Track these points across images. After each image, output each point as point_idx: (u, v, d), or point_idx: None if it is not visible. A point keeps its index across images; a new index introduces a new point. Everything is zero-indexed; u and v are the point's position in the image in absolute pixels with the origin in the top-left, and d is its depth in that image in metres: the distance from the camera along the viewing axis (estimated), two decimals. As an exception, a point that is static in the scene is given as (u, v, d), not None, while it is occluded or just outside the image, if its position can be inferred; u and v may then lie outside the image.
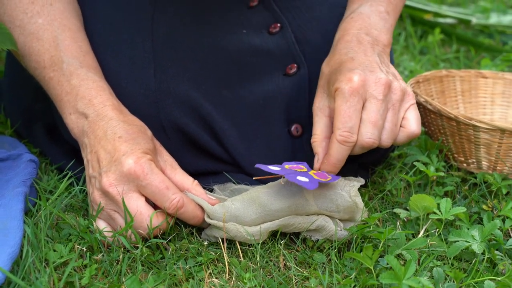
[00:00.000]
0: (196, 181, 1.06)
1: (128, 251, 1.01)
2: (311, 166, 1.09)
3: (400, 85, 1.08)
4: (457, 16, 2.16)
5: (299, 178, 1.01)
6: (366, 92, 1.05)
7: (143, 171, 1.00)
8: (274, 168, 1.05)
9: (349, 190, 1.07)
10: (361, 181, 1.12)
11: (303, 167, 1.07)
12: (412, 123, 1.08)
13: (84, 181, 1.13)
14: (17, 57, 1.15)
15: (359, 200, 1.07)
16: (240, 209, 1.04)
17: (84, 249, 1.00)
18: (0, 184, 1.07)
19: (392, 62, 1.21)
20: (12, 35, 1.10)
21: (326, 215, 1.05)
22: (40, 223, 1.03)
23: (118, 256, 0.99)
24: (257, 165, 1.06)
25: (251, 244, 1.05)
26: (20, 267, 0.94)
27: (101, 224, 1.03)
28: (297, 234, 1.08)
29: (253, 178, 1.09)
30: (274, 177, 1.06)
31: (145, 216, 1.00)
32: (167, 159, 1.07)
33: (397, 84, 1.08)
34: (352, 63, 1.08)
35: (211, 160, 1.14)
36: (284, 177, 1.04)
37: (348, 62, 1.09)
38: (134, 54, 1.13)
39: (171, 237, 1.04)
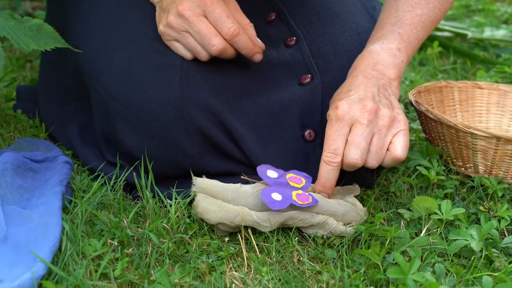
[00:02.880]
0: (251, 24, 1.16)
1: (155, 245, 1.03)
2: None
3: (389, 113, 1.09)
4: (453, 30, 2.18)
5: (273, 195, 1.07)
6: (352, 118, 1.08)
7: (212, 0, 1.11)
8: (270, 174, 1.11)
9: (347, 198, 1.12)
10: (357, 190, 1.16)
11: (303, 182, 1.11)
12: (397, 148, 1.08)
13: (115, 182, 1.16)
14: None
15: (358, 203, 1.11)
16: (248, 191, 1.08)
17: (116, 243, 1.03)
18: (39, 184, 1.09)
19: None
20: (56, 33, 1.14)
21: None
22: (76, 219, 1.06)
23: (147, 250, 1.02)
24: (258, 167, 1.11)
25: (267, 240, 1.08)
26: (59, 259, 0.96)
27: (176, 45, 1.15)
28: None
29: (241, 177, 1.13)
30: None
31: (213, 34, 1.12)
32: (233, 2, 1.16)
33: (385, 111, 1.09)
34: (346, 94, 1.12)
35: (230, 162, 1.16)
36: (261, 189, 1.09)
37: (343, 94, 1.13)
38: (161, 62, 1.15)
39: (192, 232, 1.07)
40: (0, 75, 1.02)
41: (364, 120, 1.08)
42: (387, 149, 1.09)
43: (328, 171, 1.08)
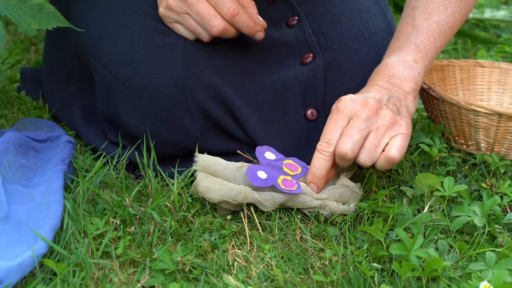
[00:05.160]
0: (253, 2, 1.13)
1: (158, 224, 1.00)
2: None
3: (391, 114, 1.04)
4: (454, 11, 2.13)
5: (258, 172, 1.04)
6: (351, 112, 1.05)
7: None
8: (267, 156, 1.08)
9: (337, 181, 1.09)
10: (354, 167, 1.13)
11: (298, 170, 1.08)
12: (393, 149, 1.02)
13: (118, 161, 1.13)
14: None
15: (349, 183, 1.08)
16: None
17: (118, 222, 1.00)
18: (41, 163, 1.06)
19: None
20: (58, 12, 1.10)
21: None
22: (78, 198, 1.03)
23: (149, 228, 0.99)
24: (258, 148, 1.09)
25: (269, 219, 1.05)
26: (61, 237, 0.93)
27: (178, 27, 1.12)
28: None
29: (238, 151, 1.11)
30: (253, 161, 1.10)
31: (213, 15, 1.09)
32: None
33: (387, 112, 1.05)
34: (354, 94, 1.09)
35: (232, 141, 1.14)
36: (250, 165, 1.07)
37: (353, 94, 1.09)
38: (164, 42, 1.12)
39: (194, 210, 1.04)
40: (0, 54, 0.98)
41: (363, 114, 1.04)
42: (383, 150, 1.04)
43: (319, 160, 1.05)
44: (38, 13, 1.10)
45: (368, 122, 1.03)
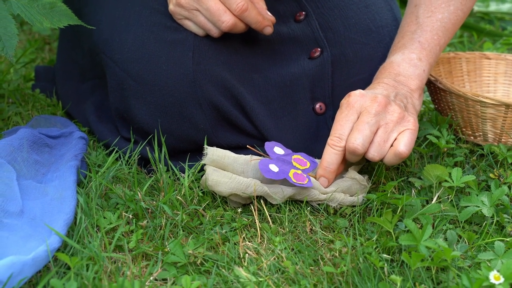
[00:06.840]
0: None
1: (169, 217, 0.99)
2: None
3: (399, 110, 1.04)
4: (460, 4, 2.11)
5: (270, 165, 1.03)
6: (361, 107, 1.04)
7: None
8: (277, 151, 1.07)
9: (345, 174, 1.07)
10: (362, 161, 1.11)
11: (307, 165, 1.07)
12: (401, 144, 1.02)
13: (130, 156, 1.12)
14: None
15: (357, 175, 1.06)
16: (257, 164, 1.04)
17: (130, 216, 0.99)
18: (55, 159, 1.05)
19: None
20: (70, 11, 1.09)
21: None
22: (91, 193, 1.02)
23: (161, 222, 0.98)
24: (267, 143, 1.08)
25: (279, 211, 1.04)
26: (74, 232, 0.93)
27: (188, 23, 1.11)
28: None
29: (247, 146, 1.10)
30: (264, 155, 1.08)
31: (223, 11, 1.07)
32: None
33: (396, 107, 1.04)
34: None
35: (242, 136, 1.13)
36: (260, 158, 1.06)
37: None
38: (174, 38, 1.11)
39: (205, 204, 1.03)
40: (11, 52, 0.97)
41: (372, 110, 1.03)
42: (391, 145, 1.03)
43: (331, 155, 1.04)
44: (50, 12, 1.09)
45: (378, 117, 1.02)
